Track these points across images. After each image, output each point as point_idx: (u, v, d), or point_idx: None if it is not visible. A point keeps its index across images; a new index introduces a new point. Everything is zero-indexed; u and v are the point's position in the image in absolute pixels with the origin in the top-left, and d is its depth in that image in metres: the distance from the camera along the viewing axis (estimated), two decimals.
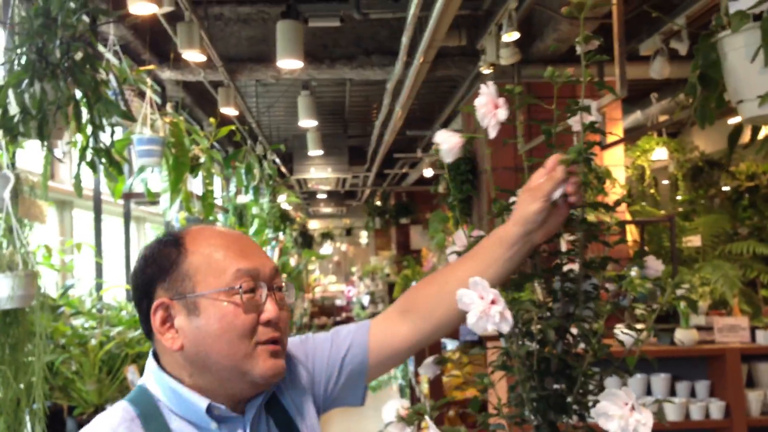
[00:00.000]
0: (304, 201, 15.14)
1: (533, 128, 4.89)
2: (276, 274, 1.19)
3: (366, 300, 15.35)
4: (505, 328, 1.16)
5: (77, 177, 2.29)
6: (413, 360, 7.02)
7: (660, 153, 6.33)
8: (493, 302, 1.17)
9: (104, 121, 2.20)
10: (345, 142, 10.10)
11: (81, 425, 2.42)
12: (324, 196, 15.39)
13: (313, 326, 13.09)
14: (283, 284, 1.21)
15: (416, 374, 5.88)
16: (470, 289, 1.18)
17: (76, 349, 2.34)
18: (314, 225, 18.83)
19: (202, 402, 1.13)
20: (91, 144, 2.20)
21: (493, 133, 1.31)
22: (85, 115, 2.20)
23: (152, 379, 1.17)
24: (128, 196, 4.62)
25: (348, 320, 18.31)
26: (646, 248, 5.81)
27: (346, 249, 20.92)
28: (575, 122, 1.44)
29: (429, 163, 9.09)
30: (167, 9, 3.56)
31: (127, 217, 4.84)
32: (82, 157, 2.20)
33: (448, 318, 1.31)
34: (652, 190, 6.52)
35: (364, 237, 19.38)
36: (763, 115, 1.48)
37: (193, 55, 4.27)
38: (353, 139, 10.30)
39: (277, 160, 9.34)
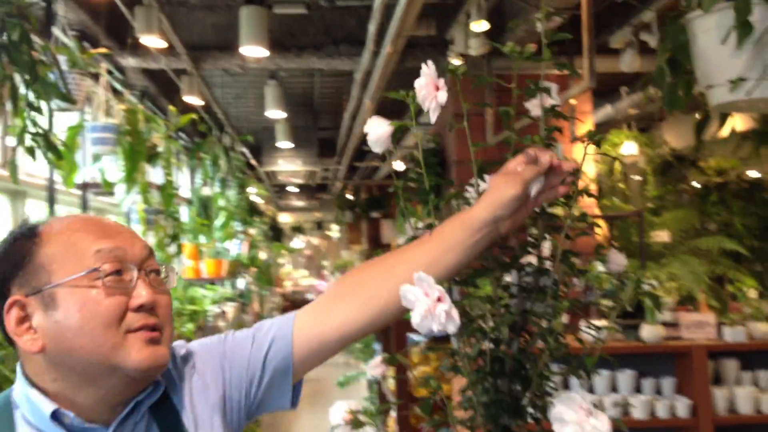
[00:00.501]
0: (275, 194, 14.97)
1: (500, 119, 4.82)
2: (149, 255, 1.07)
3: None
4: (452, 329, 1.06)
5: (12, 162, 2.15)
6: (380, 347, 6.95)
7: (629, 147, 6.30)
8: (438, 300, 1.07)
9: (43, 104, 2.07)
10: (315, 134, 9.96)
11: None
12: (294, 189, 15.23)
13: None
14: (162, 267, 1.08)
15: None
16: (415, 284, 1.08)
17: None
18: (285, 218, 18.66)
19: (48, 407, 0.99)
20: (29, 128, 2.07)
21: (433, 117, 1.22)
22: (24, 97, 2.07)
23: (17, 385, 1.05)
24: (84, 186, 4.46)
25: None
26: (613, 243, 5.78)
27: (317, 243, 20.78)
28: (534, 106, 1.36)
29: (399, 156, 9.00)
30: None
31: (84, 207, 4.68)
32: (20, 141, 2.07)
33: (391, 306, 1.14)
34: (621, 185, 6.49)
35: (335, 231, 19.26)
36: (733, 101, 1.40)
37: (152, 41, 4.12)
38: (323, 132, 10.16)
39: (246, 152, 9.19)
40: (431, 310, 1.06)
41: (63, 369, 1.00)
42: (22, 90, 2.06)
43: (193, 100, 5.89)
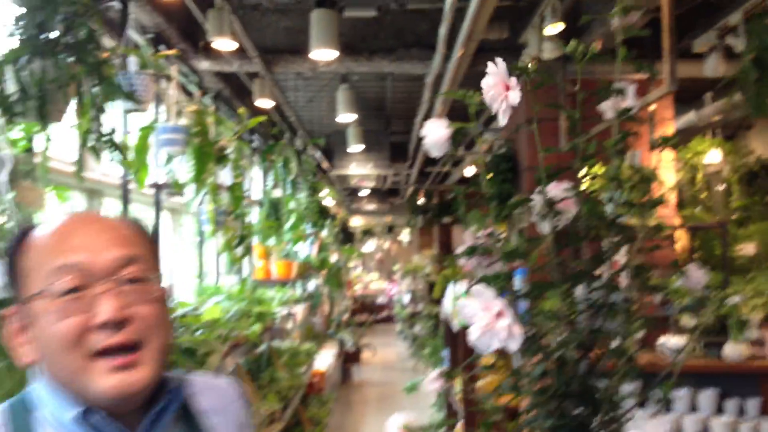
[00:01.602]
0: (346, 197, 15.04)
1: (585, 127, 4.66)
2: (127, 264, 0.96)
3: (406, 299, 15.19)
4: (513, 347, 0.98)
5: (78, 161, 2.17)
6: (448, 362, 6.84)
7: (713, 156, 6.02)
8: (499, 315, 0.98)
9: (108, 104, 2.07)
10: (386, 138, 9.94)
11: None
12: (366, 193, 15.26)
13: (352, 323, 12.97)
14: (147, 275, 0.98)
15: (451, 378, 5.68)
16: (474, 298, 1.00)
17: None
18: (356, 222, 18.74)
19: (70, 412, 0.95)
20: (94, 128, 2.08)
21: (503, 119, 1.13)
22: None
23: (36, 385, 1.00)
24: (158, 186, 4.53)
25: (389, 318, 18.17)
26: (694, 256, 5.52)
27: (388, 247, 20.79)
28: (608, 107, 1.26)
29: (470, 162, 8.88)
30: None
31: (157, 207, 4.76)
32: (84, 141, 2.08)
33: None
34: (703, 195, 6.21)
35: (406, 235, 19.22)
36: None
37: (223, 44, 4.15)
38: (395, 136, 10.13)
39: (317, 155, 9.24)
40: (491, 325, 0.98)
41: (59, 382, 0.95)
42: (87, 90, 2.07)
43: (265, 102, 5.93)
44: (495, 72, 1.12)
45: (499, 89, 1.12)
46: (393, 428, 1.33)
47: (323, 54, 4.50)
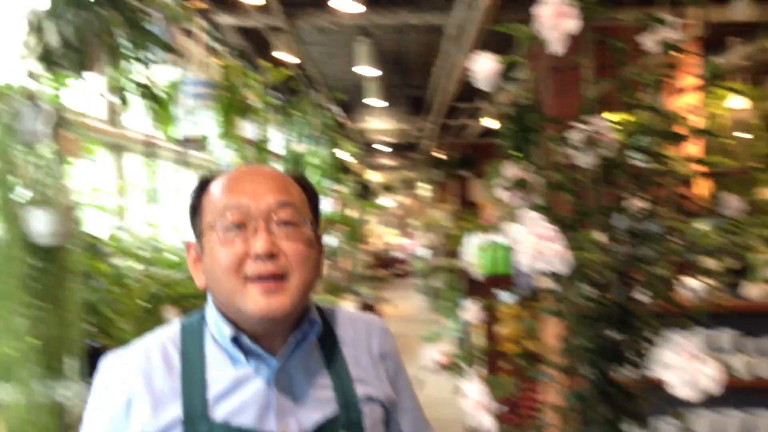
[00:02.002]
0: (365, 152, 15.05)
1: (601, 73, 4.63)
2: (277, 207, 1.11)
3: (425, 253, 15.28)
4: (564, 268, 1.02)
5: (111, 108, 2.23)
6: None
7: (738, 100, 5.97)
8: (546, 238, 1.03)
9: (145, 55, 2.11)
10: (405, 92, 9.91)
11: None
12: (385, 148, 15.25)
13: (370, 277, 13.10)
14: (297, 220, 1.13)
15: (469, 324, 5.76)
16: (523, 224, 1.05)
17: (117, 289, 2.31)
18: (375, 177, 18.77)
19: (228, 331, 1.12)
20: (129, 76, 2.12)
21: (559, 48, 1.16)
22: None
23: (208, 306, 1.19)
24: (183, 141, 4.59)
25: (407, 273, 18.32)
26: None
27: (406, 201, 20.83)
28: (651, 40, 1.28)
29: (489, 114, 8.85)
30: None
31: (181, 162, 4.82)
32: (118, 91, 2.13)
33: None
34: (728, 141, 6.17)
35: (424, 190, 19.24)
36: None
37: None
38: (414, 90, 10.09)
39: (337, 110, 9.25)
40: (539, 249, 1.02)
41: (220, 304, 1.14)
42: (121, 41, 2.11)
43: (286, 56, 5.93)
44: (552, 1, 1.14)
45: (555, 17, 1.14)
46: (429, 356, 1.38)
47: (346, 5, 4.49)
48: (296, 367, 1.15)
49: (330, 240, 9.11)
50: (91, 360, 2.20)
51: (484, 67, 1.18)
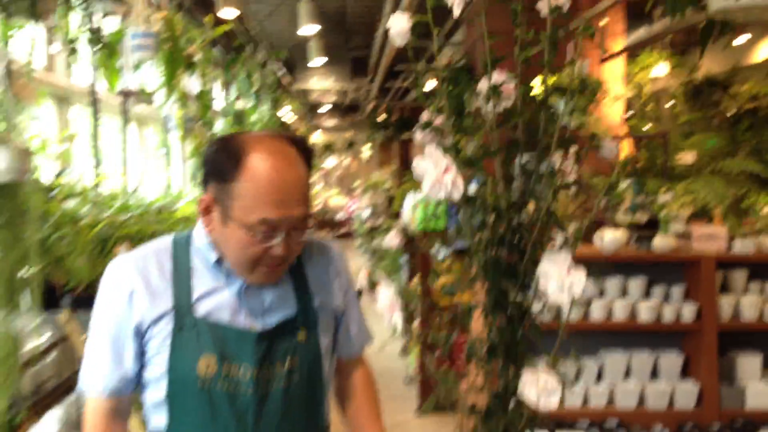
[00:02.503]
0: (307, 113, 15.08)
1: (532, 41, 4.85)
2: (303, 221, 1.34)
3: (366, 214, 15.47)
4: (456, 195, 1.24)
5: (69, 57, 2.34)
6: (407, 267, 7.18)
7: (660, 69, 6.30)
8: (445, 171, 1.24)
9: (92, 5, 2.23)
10: (347, 53, 10.02)
11: (75, 300, 2.55)
12: (327, 108, 15.32)
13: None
14: (308, 224, 1.37)
15: (408, 280, 6.01)
16: (426, 159, 1.26)
17: (68, 228, 2.44)
18: (317, 138, 18.82)
19: (212, 256, 1.39)
20: (78, 27, 2.24)
21: (457, 11, 1.36)
22: None
23: (197, 228, 1.43)
24: (126, 94, 4.65)
25: (348, 234, 18.52)
26: (638, 164, 5.87)
27: (348, 163, 20.96)
28: (543, 5, 1.49)
29: (430, 76, 9.02)
30: None
31: (124, 113, 4.89)
32: (65, 42, 2.25)
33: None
34: (649, 107, 6.52)
35: (366, 151, 19.38)
36: (730, 7, 1.52)
37: None
38: (356, 51, 10.20)
39: (280, 69, 9.29)
40: (439, 179, 1.23)
41: (217, 245, 1.39)
42: None
43: (229, 12, 5.98)
44: None
45: None
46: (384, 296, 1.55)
47: None
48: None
49: None
50: (46, 295, 2.34)
51: (397, 24, 1.37)
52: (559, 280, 1.28)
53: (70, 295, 2.51)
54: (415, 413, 4.86)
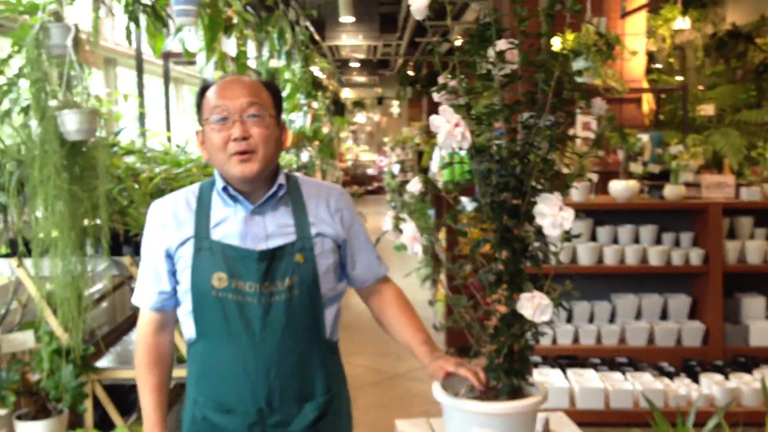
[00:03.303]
0: (337, 69, 15.24)
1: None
2: (248, 106, 1.66)
3: (396, 169, 15.71)
4: (465, 146, 1.50)
5: (127, 28, 2.61)
6: (434, 214, 7.45)
7: (682, 23, 6.38)
8: (456, 125, 1.50)
9: None
10: (376, 9, 10.14)
11: (136, 245, 2.87)
12: (356, 65, 15.45)
13: None
14: (262, 113, 1.68)
15: (437, 231, 6.29)
16: (440, 115, 1.51)
17: (129, 181, 2.75)
18: (347, 94, 18.99)
19: (220, 183, 1.73)
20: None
21: None
22: None
23: (215, 171, 1.77)
24: (167, 56, 4.93)
25: (379, 189, 18.80)
26: (661, 116, 6.02)
27: (378, 119, 21.13)
28: None
29: (458, 32, 9.16)
30: None
31: (166, 75, 5.17)
32: (139, 10, 2.52)
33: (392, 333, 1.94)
34: (671, 60, 6.62)
35: (396, 107, 19.51)
36: None
37: None
38: (385, 6, 10.32)
39: (310, 27, 9.48)
40: (451, 132, 1.49)
41: (219, 170, 1.74)
42: None
43: None
44: None
45: None
46: (387, 223, 1.83)
47: None
48: (267, 211, 1.74)
49: (304, 155, 9.47)
50: (111, 242, 2.66)
51: (416, 1, 1.61)
52: (551, 218, 1.54)
53: (132, 242, 2.83)
54: None
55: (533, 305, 1.55)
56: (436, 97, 1.72)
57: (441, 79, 1.74)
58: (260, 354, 1.69)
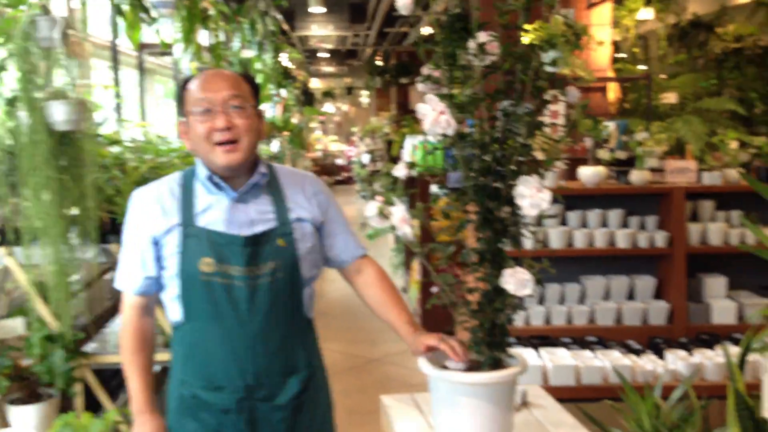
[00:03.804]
0: (306, 59, 15.26)
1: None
2: (230, 98, 1.76)
3: (366, 159, 15.79)
4: (450, 131, 1.60)
5: (114, 20, 2.67)
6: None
7: (645, 13, 6.56)
8: (441, 113, 1.60)
9: None
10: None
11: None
12: (326, 55, 15.48)
13: None
14: (244, 104, 1.78)
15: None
16: (426, 104, 1.62)
17: (116, 171, 2.81)
18: (316, 84, 19.00)
19: (204, 172, 1.82)
20: None
21: None
22: None
23: (197, 161, 1.87)
24: (143, 47, 4.97)
25: (348, 180, 18.87)
26: (626, 104, 6.20)
27: (347, 109, 21.17)
28: None
29: (427, 22, 9.25)
30: None
31: (141, 66, 5.20)
32: (113, 2, 2.58)
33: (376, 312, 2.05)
34: (635, 50, 6.81)
35: (365, 97, 19.57)
36: None
37: None
38: None
39: (279, 17, 9.51)
40: (437, 119, 1.59)
41: (202, 159, 1.83)
42: None
43: None
44: None
45: None
46: (372, 209, 1.93)
47: None
48: (250, 199, 1.83)
49: (274, 145, 9.51)
50: (98, 230, 2.72)
51: None
52: (530, 199, 1.65)
53: (119, 230, 2.89)
54: None
55: (516, 280, 1.66)
56: (419, 87, 1.82)
57: (425, 70, 1.84)
58: (247, 333, 1.79)
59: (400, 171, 1.91)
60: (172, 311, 1.86)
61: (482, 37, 1.77)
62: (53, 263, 2.53)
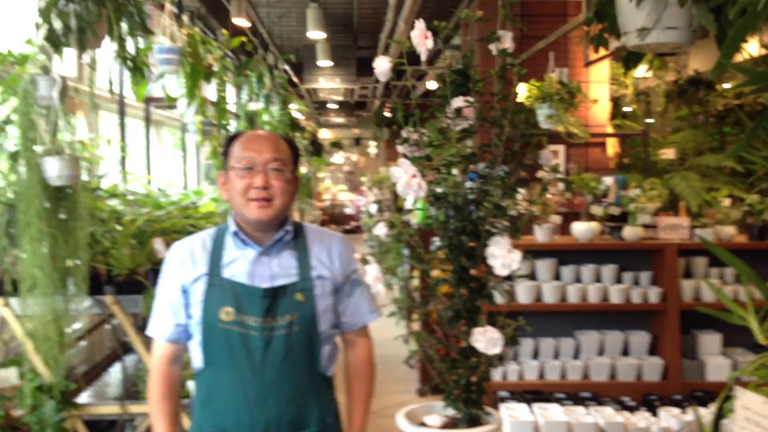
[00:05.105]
0: (315, 111, 15.49)
1: (524, 43, 5.23)
2: (271, 160, 1.87)
3: (374, 209, 15.84)
4: (422, 194, 1.66)
5: (110, 80, 2.77)
6: (408, 260, 7.58)
7: (642, 71, 6.67)
8: (413, 176, 1.66)
9: (129, 34, 2.66)
10: (354, 53, 10.42)
11: (118, 285, 2.98)
12: (334, 106, 15.71)
13: None
14: (283, 168, 1.88)
15: (410, 270, 6.43)
16: (398, 167, 1.68)
17: (112, 224, 2.88)
18: (325, 134, 19.23)
19: (232, 227, 1.92)
20: (118, 53, 2.67)
21: (423, 56, 1.78)
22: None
23: (230, 215, 1.96)
24: (149, 100, 5.09)
25: (357, 229, 18.94)
26: (625, 160, 6.26)
27: (356, 159, 21.37)
28: (494, 48, 1.90)
29: (433, 76, 9.43)
30: None
31: (147, 119, 5.33)
32: (123, 62, 2.69)
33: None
34: (634, 106, 6.90)
35: (373, 147, 19.77)
36: (641, 44, 1.93)
37: None
38: (362, 51, 10.60)
39: (288, 70, 9.71)
40: (409, 182, 1.65)
41: (235, 214, 1.93)
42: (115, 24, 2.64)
43: (241, 21, 6.40)
44: (418, 27, 1.75)
45: (422, 38, 1.75)
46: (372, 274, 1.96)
47: None
48: (274, 253, 1.92)
49: None
50: (93, 281, 2.78)
51: (380, 65, 1.78)
52: (501, 259, 1.70)
53: (115, 281, 2.94)
54: (416, 393, 5.29)
55: (485, 339, 1.70)
56: (399, 149, 1.89)
57: (404, 133, 1.91)
58: (260, 383, 1.85)
59: (380, 230, 1.97)
60: (195, 358, 1.94)
61: (457, 102, 1.85)
62: (46, 314, 2.58)
